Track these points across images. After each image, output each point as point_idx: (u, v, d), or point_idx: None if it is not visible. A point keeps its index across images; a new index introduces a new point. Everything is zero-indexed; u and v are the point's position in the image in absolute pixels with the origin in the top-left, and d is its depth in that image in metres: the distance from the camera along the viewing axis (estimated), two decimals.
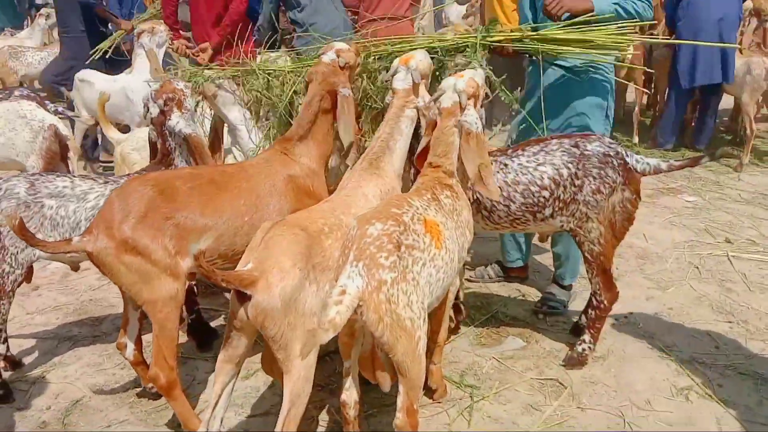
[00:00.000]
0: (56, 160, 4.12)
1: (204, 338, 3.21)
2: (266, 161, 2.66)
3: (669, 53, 6.27)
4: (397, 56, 2.91)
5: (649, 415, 2.70)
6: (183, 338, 3.21)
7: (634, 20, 2.98)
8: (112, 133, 3.61)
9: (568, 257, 3.49)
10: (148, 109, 2.78)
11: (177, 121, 2.73)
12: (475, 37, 3.02)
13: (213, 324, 3.37)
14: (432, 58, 2.92)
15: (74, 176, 2.82)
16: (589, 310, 2.96)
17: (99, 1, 6.09)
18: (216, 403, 2.18)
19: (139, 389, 2.87)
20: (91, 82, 5.27)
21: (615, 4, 2.94)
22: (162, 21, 5.20)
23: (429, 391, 2.76)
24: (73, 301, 3.75)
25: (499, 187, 2.73)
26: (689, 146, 6.58)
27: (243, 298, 1.99)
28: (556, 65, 3.18)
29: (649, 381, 2.91)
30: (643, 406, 2.75)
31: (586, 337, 2.94)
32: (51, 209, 2.69)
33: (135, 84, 5.00)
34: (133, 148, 3.40)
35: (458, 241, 2.37)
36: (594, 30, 2.93)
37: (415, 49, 2.95)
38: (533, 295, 3.72)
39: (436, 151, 2.53)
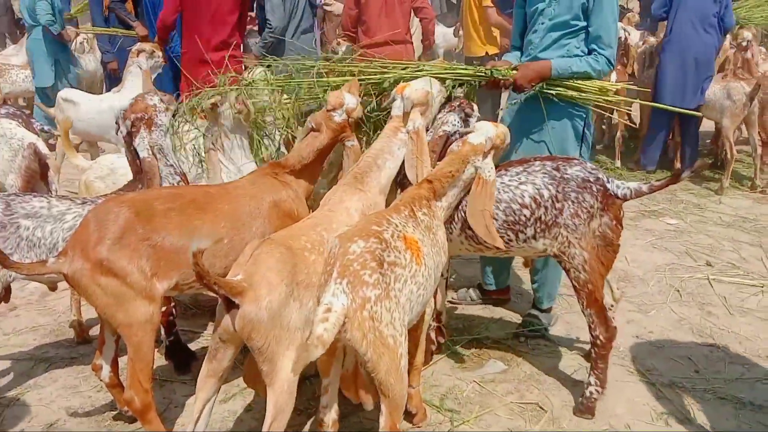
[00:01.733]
0: (36, 179, 4.07)
1: (182, 360, 3.17)
2: (252, 183, 2.66)
3: (652, 75, 6.37)
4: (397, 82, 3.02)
5: None
6: (161, 360, 3.18)
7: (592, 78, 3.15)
8: (76, 161, 3.57)
9: (544, 282, 3.51)
10: (118, 129, 2.78)
11: (138, 142, 2.73)
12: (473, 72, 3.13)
13: (192, 346, 3.34)
14: None
15: (51, 197, 2.79)
16: (591, 350, 2.84)
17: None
18: (197, 420, 2.16)
19: (114, 412, 2.83)
20: (75, 102, 5.25)
21: (571, 72, 3.12)
22: (156, 45, 5.19)
23: (408, 416, 2.74)
24: (51, 322, 3.70)
25: None
26: (671, 169, 6.65)
27: (230, 307, 2.00)
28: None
29: (629, 405, 2.91)
30: (623, 431, 2.75)
31: (592, 379, 2.82)
32: (27, 230, 2.65)
33: (122, 103, 4.97)
34: (96, 176, 3.35)
35: (434, 259, 2.38)
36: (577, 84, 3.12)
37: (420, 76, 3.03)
38: (515, 318, 3.72)
39: (442, 169, 2.57)
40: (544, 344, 3.43)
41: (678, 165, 6.64)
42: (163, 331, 3.09)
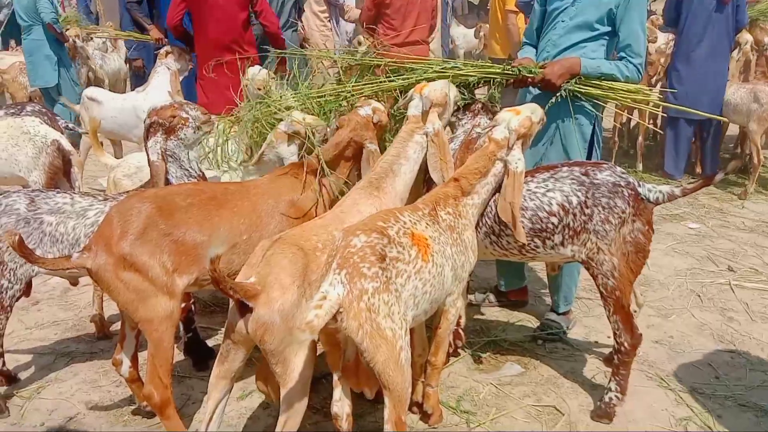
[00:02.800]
0: (59, 175, 4.13)
1: (200, 357, 3.19)
2: (271, 181, 2.68)
3: (665, 80, 6.31)
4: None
5: None
6: (179, 357, 3.20)
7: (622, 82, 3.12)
8: (105, 159, 3.60)
9: (560, 286, 3.48)
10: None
11: (150, 144, 2.75)
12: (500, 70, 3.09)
13: (210, 343, 3.36)
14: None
15: (74, 193, 2.83)
16: (615, 356, 2.80)
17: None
18: (210, 420, 2.18)
19: (133, 407, 2.86)
20: (99, 101, 5.31)
21: (600, 73, 3.09)
22: (185, 49, 5.25)
23: (425, 416, 2.74)
24: (73, 316, 3.75)
25: None
26: (693, 173, 6.58)
27: (244, 310, 2.01)
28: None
29: (648, 410, 2.88)
30: None
31: (612, 385, 2.78)
32: (50, 225, 2.70)
33: (146, 103, 5.03)
34: (124, 174, 3.39)
35: (454, 258, 2.38)
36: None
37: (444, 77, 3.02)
38: (533, 320, 3.70)
39: (468, 166, 2.57)
40: (562, 347, 3.41)
41: (699, 170, 6.56)
42: (182, 328, 3.11)
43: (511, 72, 3.05)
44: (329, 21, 7.33)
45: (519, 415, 2.86)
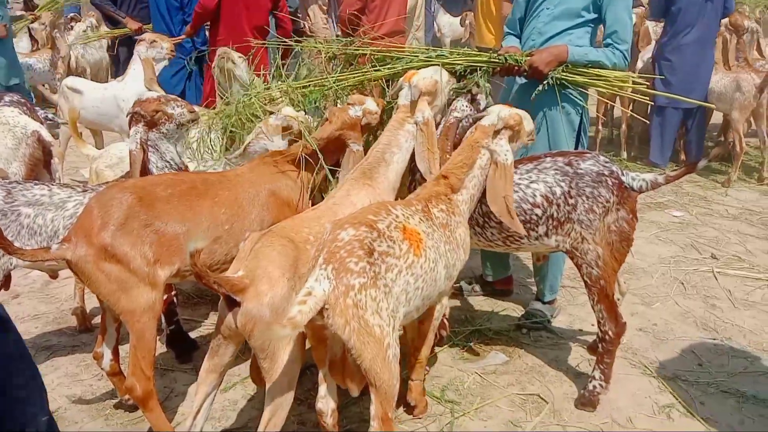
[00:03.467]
0: (39, 166, 4.06)
1: (183, 349, 3.17)
2: (251, 170, 2.65)
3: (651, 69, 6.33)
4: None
5: None
6: (162, 349, 3.18)
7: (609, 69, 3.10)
8: (86, 150, 3.55)
9: (546, 274, 3.49)
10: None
11: (131, 133, 2.73)
12: (486, 58, 3.06)
13: (193, 335, 3.34)
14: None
15: (52, 184, 2.78)
16: (599, 345, 2.81)
17: None
18: (197, 413, 2.16)
19: (115, 401, 2.84)
20: (80, 90, 5.23)
21: (587, 61, 3.07)
22: (164, 37, 5.18)
23: (409, 407, 2.74)
24: (54, 309, 3.71)
25: None
26: (677, 160, 6.62)
27: (232, 304, 1.99)
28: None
29: (631, 398, 2.89)
30: (624, 424, 2.73)
31: (596, 373, 2.79)
32: (28, 218, 2.65)
33: (126, 92, 4.97)
34: (107, 165, 3.33)
35: (447, 256, 2.35)
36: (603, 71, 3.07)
37: (430, 65, 2.98)
38: (517, 309, 3.70)
39: (454, 161, 2.54)
40: (546, 336, 3.41)
41: (683, 158, 6.59)
42: (164, 320, 3.08)
43: (497, 60, 3.03)
44: (328, 12, 7.26)
45: (503, 403, 2.86)
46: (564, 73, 3.04)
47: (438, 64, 2.95)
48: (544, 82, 3.02)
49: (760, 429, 2.71)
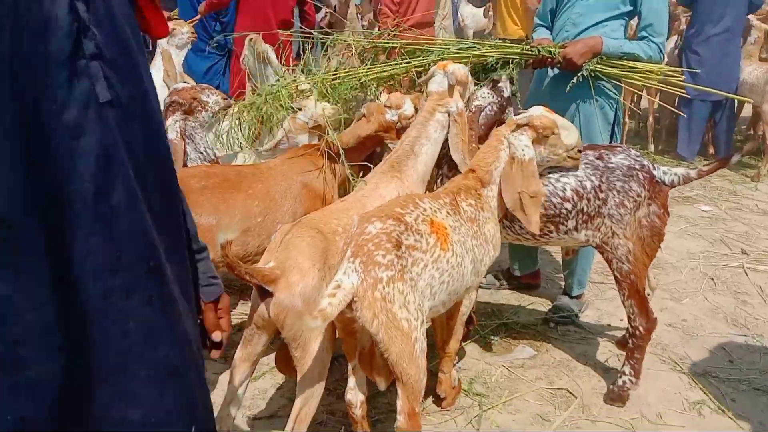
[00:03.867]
0: None
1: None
2: (284, 163, 2.67)
3: (677, 62, 6.24)
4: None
5: (659, 429, 2.66)
6: None
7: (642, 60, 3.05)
8: None
9: (575, 269, 3.46)
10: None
11: (169, 123, 2.76)
12: (519, 50, 3.04)
13: None
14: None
15: None
16: (629, 340, 2.80)
17: None
18: (230, 402, 2.18)
19: None
20: None
21: (622, 53, 3.03)
22: (181, 22, 5.20)
23: (438, 398, 2.74)
24: None
25: None
26: (705, 154, 6.53)
27: (264, 295, 2.00)
28: None
29: (661, 394, 2.87)
30: (654, 420, 2.71)
31: (626, 368, 2.78)
32: None
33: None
34: None
35: (475, 251, 2.34)
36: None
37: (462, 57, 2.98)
38: (544, 303, 3.68)
39: (481, 154, 2.53)
40: (574, 330, 3.39)
41: (712, 151, 6.49)
42: None
43: (530, 52, 3.00)
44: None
45: (531, 397, 2.85)
46: (598, 65, 3.00)
47: (469, 57, 2.94)
48: (579, 75, 2.99)
49: None
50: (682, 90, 3.33)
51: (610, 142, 3.23)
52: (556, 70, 3.15)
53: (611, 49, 3.00)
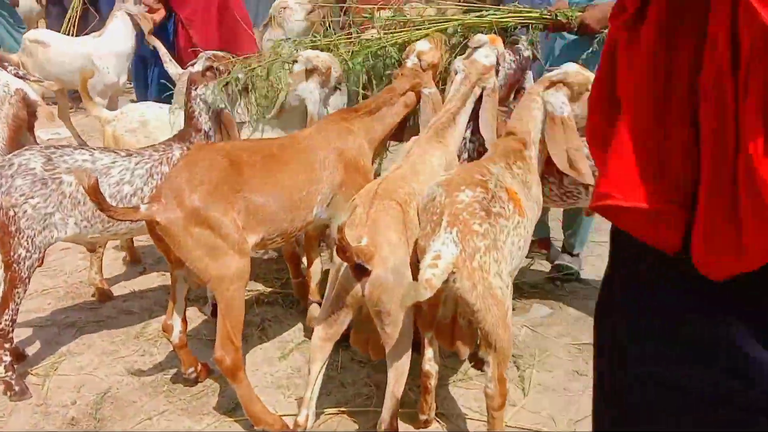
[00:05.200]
0: (23, 128, 3.72)
1: None
2: (319, 131, 2.53)
3: None
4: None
5: None
6: (196, 322, 3.04)
7: None
8: (98, 112, 3.24)
9: (578, 228, 3.54)
10: (194, 64, 2.58)
11: (209, 91, 2.54)
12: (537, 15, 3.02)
13: None
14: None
15: (94, 149, 2.55)
16: None
17: None
18: (314, 384, 2.08)
19: (168, 376, 2.69)
20: (47, 44, 4.79)
21: None
22: None
23: (477, 362, 2.74)
24: (62, 284, 3.45)
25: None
26: None
27: (361, 274, 1.90)
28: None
29: None
30: None
31: None
32: (71, 186, 2.43)
33: (104, 49, 4.60)
34: (127, 129, 3.06)
35: (532, 212, 2.33)
36: None
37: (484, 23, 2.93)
38: (541, 264, 3.75)
39: (520, 117, 2.48)
40: (580, 287, 3.48)
41: None
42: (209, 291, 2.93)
43: (549, 16, 2.99)
44: None
45: (562, 353, 2.91)
46: None
47: (490, 22, 2.90)
48: (595, 42, 3.01)
49: None
50: None
51: None
52: (572, 36, 3.15)
53: None
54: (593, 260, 3.79)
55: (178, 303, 2.42)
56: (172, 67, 3.87)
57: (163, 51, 3.97)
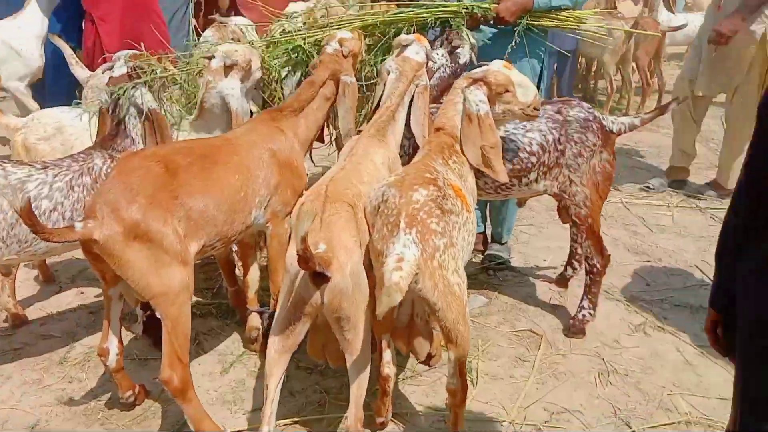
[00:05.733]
0: None
1: (158, 333, 2.84)
2: (250, 131, 2.44)
3: None
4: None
5: (622, 352, 2.91)
6: (128, 337, 2.87)
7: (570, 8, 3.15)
8: (5, 119, 2.98)
9: (505, 217, 3.62)
10: (111, 68, 2.41)
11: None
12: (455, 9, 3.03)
13: None
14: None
15: (5, 161, 2.34)
16: (586, 277, 2.99)
17: None
18: (273, 399, 1.99)
19: (102, 402, 2.52)
20: None
21: (550, 6, 3.09)
22: None
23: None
24: None
25: None
26: None
27: (320, 281, 1.83)
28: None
29: (607, 321, 3.13)
30: (614, 345, 2.96)
31: (585, 303, 2.98)
32: None
33: (26, 32, 4.32)
34: (39, 137, 2.80)
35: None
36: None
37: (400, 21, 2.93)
38: (477, 256, 3.79)
39: (445, 112, 2.47)
40: (511, 275, 3.56)
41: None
42: (139, 306, 2.75)
43: (466, 10, 3.02)
44: None
45: (503, 342, 2.97)
46: (530, 21, 3.09)
47: (409, 17, 2.90)
48: (515, 36, 3.05)
49: None
50: (604, 35, 3.44)
51: None
52: (492, 28, 3.19)
53: (541, 4, 3.09)
54: (520, 248, 3.89)
55: (113, 324, 2.26)
56: (79, 70, 3.63)
57: (69, 52, 3.71)
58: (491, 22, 3.10)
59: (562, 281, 3.37)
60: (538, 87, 3.37)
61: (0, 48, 4.38)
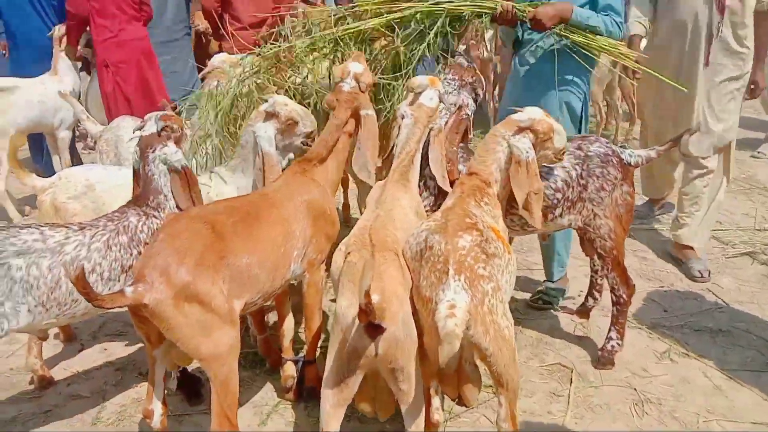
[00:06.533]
0: None
1: (193, 390, 2.84)
2: (287, 184, 2.47)
3: None
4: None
5: (651, 380, 2.95)
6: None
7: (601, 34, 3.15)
8: (30, 180, 2.92)
9: (554, 254, 3.60)
10: (142, 128, 2.43)
11: (175, 150, 2.40)
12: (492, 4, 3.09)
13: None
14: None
15: (41, 225, 2.34)
16: (612, 308, 3.03)
17: None
18: None
19: None
20: (6, 88, 4.62)
21: (587, 24, 3.11)
22: None
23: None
24: None
25: None
26: None
27: (373, 333, 1.84)
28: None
29: (633, 350, 3.17)
30: (643, 374, 2.99)
31: (613, 334, 3.02)
32: (20, 270, 2.21)
33: (65, 86, 4.64)
34: (69, 197, 2.81)
35: None
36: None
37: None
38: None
39: (483, 159, 2.51)
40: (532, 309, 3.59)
41: None
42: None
43: (503, 9, 3.06)
44: None
45: (535, 377, 2.98)
46: (563, 32, 3.11)
47: (444, 9, 3.00)
48: (551, 44, 3.12)
49: (737, 357, 3.12)
50: (637, 66, 3.43)
51: (579, 131, 3.39)
52: (527, 33, 3.25)
53: (579, 18, 3.09)
54: (535, 277, 3.93)
55: (157, 385, 2.25)
56: (90, 125, 3.65)
57: (79, 109, 3.74)
58: (526, 23, 3.13)
59: (584, 312, 3.40)
60: (579, 131, 3.40)
61: (54, 101, 4.63)
